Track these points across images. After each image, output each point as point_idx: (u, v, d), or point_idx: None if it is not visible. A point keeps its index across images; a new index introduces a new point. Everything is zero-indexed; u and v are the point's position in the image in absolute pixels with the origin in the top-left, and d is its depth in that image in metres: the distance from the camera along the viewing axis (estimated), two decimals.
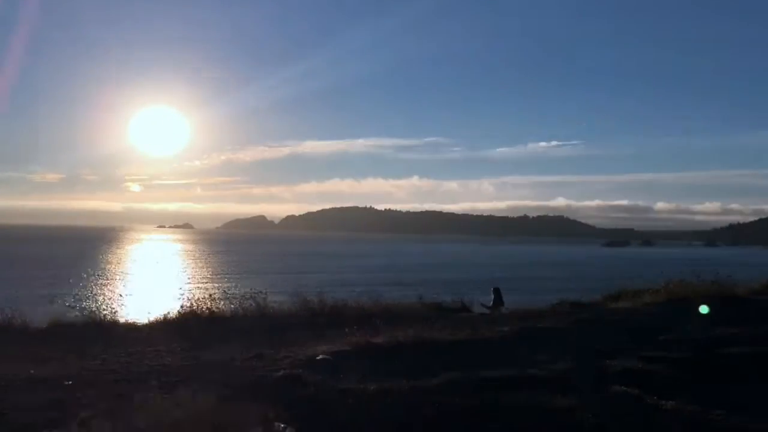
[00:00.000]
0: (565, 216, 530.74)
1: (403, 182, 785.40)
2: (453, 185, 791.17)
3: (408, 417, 7.10)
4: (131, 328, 12.87)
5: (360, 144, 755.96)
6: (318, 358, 9.17)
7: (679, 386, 9.02)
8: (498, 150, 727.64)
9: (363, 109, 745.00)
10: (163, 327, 12.78)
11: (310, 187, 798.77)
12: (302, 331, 11.55)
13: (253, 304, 14.14)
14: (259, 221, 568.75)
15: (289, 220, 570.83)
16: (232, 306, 14.21)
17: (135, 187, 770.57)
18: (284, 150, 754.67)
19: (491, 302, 20.13)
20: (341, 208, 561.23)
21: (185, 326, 12.67)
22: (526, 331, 11.98)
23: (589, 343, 11.03)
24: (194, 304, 13.54)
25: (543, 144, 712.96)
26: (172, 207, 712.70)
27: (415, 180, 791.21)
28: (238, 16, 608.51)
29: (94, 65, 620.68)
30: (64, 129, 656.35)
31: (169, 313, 13.34)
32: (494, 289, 20.76)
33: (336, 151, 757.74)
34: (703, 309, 14.12)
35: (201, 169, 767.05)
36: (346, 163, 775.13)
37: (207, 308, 13.47)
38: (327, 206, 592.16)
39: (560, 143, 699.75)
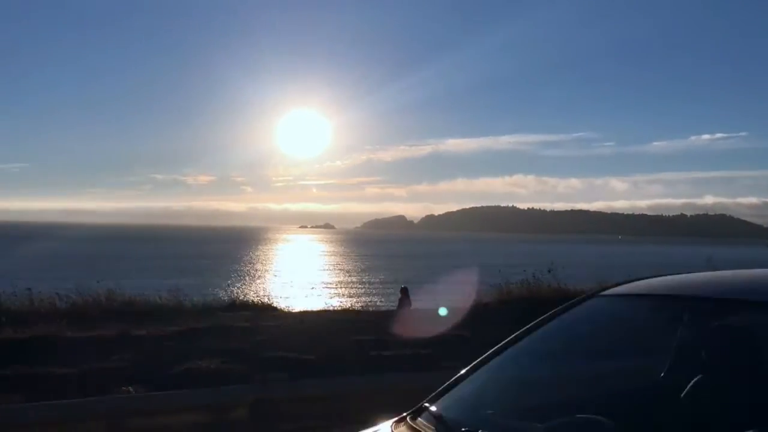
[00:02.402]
0: (727, 214, 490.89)
1: (549, 179, 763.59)
2: (599, 182, 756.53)
3: None
4: None
5: (504, 141, 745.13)
6: None
7: None
8: (654, 144, 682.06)
9: (507, 105, 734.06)
10: None
11: (451, 185, 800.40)
12: None
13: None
14: (399, 221, 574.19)
15: (429, 219, 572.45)
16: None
17: (280, 188, 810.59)
18: (425, 148, 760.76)
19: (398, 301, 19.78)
20: (482, 208, 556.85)
21: None
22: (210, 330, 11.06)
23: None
24: None
25: (706, 136, 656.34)
26: (314, 207, 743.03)
27: (560, 178, 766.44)
28: (378, 18, 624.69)
29: (242, 73, 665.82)
30: (216, 133, 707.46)
31: None
32: (402, 288, 20.51)
33: (479, 149, 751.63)
34: (442, 311, 13.86)
35: (342, 169, 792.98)
36: (489, 160, 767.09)
37: None
38: (467, 205, 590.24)
39: (726, 135, 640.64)
